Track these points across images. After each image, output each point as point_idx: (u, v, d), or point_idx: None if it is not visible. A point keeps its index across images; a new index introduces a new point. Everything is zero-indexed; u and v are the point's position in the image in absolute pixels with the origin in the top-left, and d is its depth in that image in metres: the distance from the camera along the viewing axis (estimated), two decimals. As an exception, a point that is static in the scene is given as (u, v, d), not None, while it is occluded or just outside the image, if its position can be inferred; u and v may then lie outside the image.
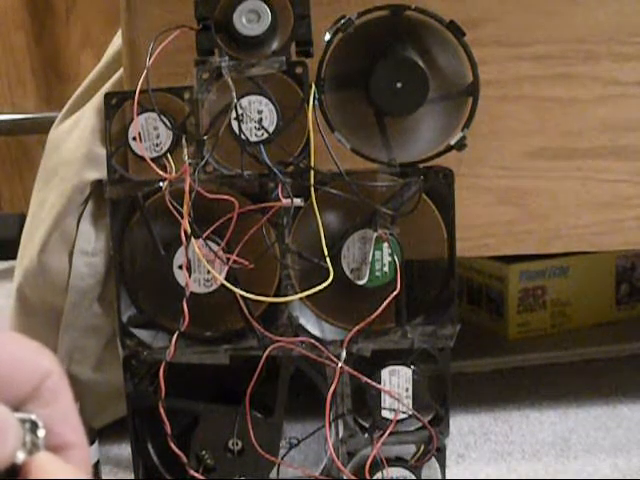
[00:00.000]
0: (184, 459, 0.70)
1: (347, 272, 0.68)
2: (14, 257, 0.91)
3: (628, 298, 1.15)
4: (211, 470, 0.71)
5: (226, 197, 0.66)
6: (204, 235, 0.66)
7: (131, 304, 0.70)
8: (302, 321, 0.69)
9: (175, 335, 0.67)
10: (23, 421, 0.35)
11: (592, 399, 0.94)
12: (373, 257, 0.68)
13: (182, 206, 0.66)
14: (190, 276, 0.67)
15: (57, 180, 0.84)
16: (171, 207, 0.66)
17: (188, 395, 0.71)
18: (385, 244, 0.67)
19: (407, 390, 0.70)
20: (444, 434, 0.72)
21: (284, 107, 0.67)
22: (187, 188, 0.65)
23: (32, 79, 1.82)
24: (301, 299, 0.68)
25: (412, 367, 0.70)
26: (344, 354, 0.68)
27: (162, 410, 0.68)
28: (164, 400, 0.68)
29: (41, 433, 0.35)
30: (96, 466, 0.72)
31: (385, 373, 0.70)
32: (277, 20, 0.65)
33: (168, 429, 0.68)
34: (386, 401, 0.70)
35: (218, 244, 0.67)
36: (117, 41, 0.86)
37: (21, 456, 0.34)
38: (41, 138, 0.97)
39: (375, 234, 0.67)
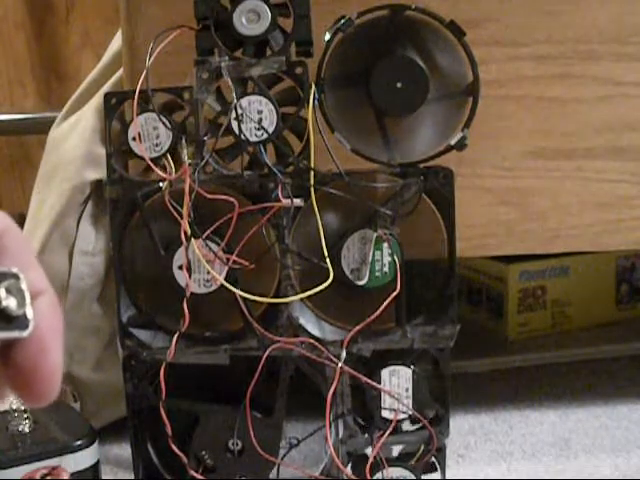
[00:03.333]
0: (185, 460, 0.70)
1: (347, 272, 0.68)
2: (14, 257, 0.91)
3: (628, 298, 1.15)
4: (211, 470, 0.71)
5: (226, 197, 0.66)
6: (204, 235, 0.66)
7: (131, 304, 0.70)
8: (302, 321, 0.69)
9: (176, 335, 0.67)
10: (4, 274, 0.34)
11: (592, 399, 0.94)
12: (373, 257, 0.67)
13: (182, 206, 0.66)
14: (190, 276, 0.67)
15: (57, 180, 0.84)
16: (171, 207, 0.66)
17: (188, 395, 0.71)
18: (385, 244, 0.67)
19: (407, 390, 0.70)
20: (444, 434, 0.71)
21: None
22: (187, 188, 0.65)
23: (32, 79, 1.82)
24: (301, 299, 0.68)
25: (412, 367, 0.70)
26: (344, 354, 0.68)
27: (163, 411, 0.68)
28: (164, 401, 0.68)
29: (24, 284, 0.35)
30: (96, 466, 0.72)
31: (385, 373, 0.70)
32: (277, 20, 0.65)
33: (169, 430, 0.68)
34: (386, 401, 0.70)
35: (218, 244, 0.67)
36: (117, 41, 0.86)
37: (12, 303, 0.34)
38: (41, 138, 0.97)
39: (375, 234, 0.67)
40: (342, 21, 0.66)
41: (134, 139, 0.68)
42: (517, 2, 0.78)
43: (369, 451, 0.70)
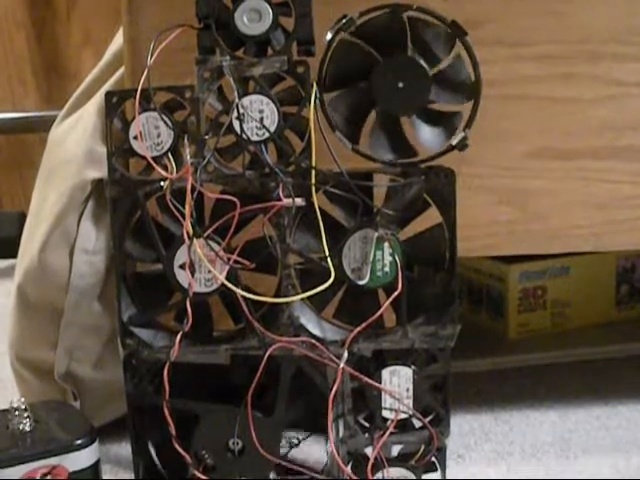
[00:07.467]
0: (189, 460, 0.70)
1: (348, 272, 0.68)
2: (15, 256, 0.91)
3: (628, 299, 1.15)
4: (211, 470, 0.71)
5: (227, 197, 0.66)
6: (205, 234, 0.66)
7: (131, 303, 0.70)
8: (303, 321, 0.69)
9: (179, 334, 0.67)
10: None
11: (592, 399, 0.94)
12: (374, 257, 0.67)
13: (183, 205, 0.66)
14: (192, 276, 0.67)
15: (58, 179, 0.84)
16: (172, 206, 0.66)
17: (188, 395, 0.71)
18: (386, 244, 0.67)
19: (408, 390, 0.70)
20: (444, 434, 0.71)
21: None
22: (189, 187, 0.65)
23: (33, 78, 1.82)
24: (302, 299, 0.68)
25: (413, 367, 0.70)
26: (346, 354, 0.68)
27: (167, 410, 0.68)
28: (168, 400, 0.68)
29: None
30: (96, 465, 0.72)
31: (386, 373, 0.70)
32: (278, 19, 0.65)
33: (172, 430, 0.68)
34: (387, 401, 0.70)
35: (219, 244, 0.67)
36: (118, 39, 0.86)
37: None
38: (42, 137, 0.97)
39: (376, 234, 0.67)
40: (344, 20, 0.66)
41: (135, 138, 0.68)
42: (519, 2, 0.78)
43: (369, 451, 0.70)
